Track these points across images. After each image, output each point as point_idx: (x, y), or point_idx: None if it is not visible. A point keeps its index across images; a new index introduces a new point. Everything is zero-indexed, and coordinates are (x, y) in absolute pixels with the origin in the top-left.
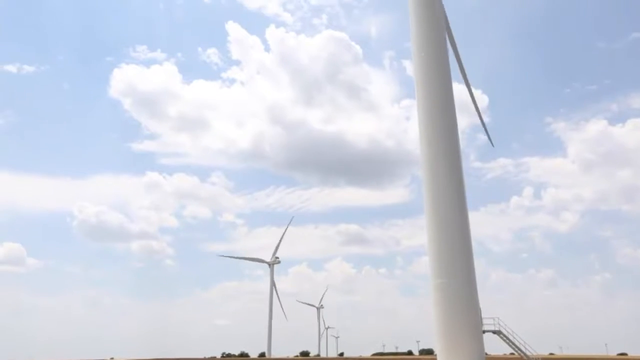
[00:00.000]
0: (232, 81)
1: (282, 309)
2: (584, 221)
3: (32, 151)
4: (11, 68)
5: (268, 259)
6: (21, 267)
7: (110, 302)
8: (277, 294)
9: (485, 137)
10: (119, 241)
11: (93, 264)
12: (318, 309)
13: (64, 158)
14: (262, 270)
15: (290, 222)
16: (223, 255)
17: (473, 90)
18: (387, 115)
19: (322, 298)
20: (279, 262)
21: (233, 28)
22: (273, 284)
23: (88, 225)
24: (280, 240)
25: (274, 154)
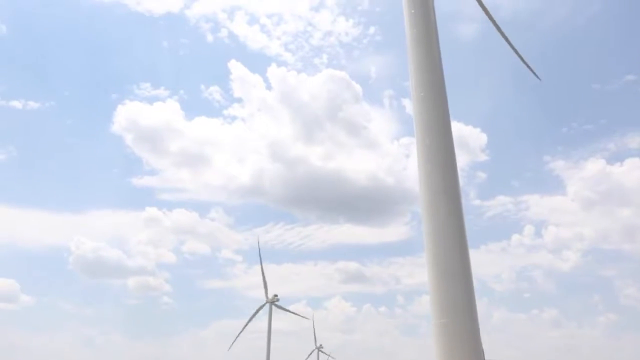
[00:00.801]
0: (234, 118)
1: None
2: (585, 260)
3: (33, 186)
4: (17, 104)
5: (270, 299)
6: (14, 304)
7: (105, 341)
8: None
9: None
10: (116, 277)
11: (88, 301)
12: (318, 350)
13: (64, 193)
14: (261, 310)
15: (261, 258)
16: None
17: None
18: (387, 152)
19: (315, 336)
20: (277, 300)
21: (235, 67)
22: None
23: (85, 261)
24: (264, 276)
25: (273, 190)
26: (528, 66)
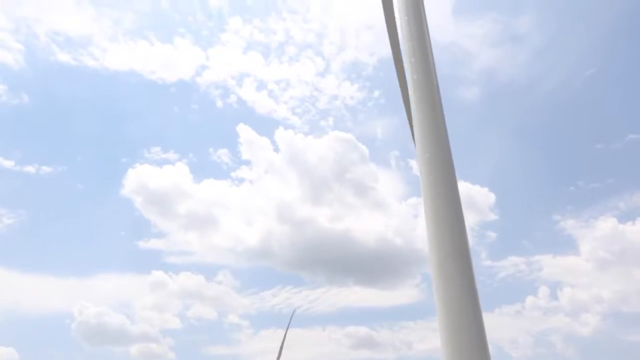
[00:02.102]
0: (241, 180)
1: None
2: (606, 324)
3: (40, 250)
4: (30, 169)
5: None
6: None
7: None
8: None
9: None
10: (118, 344)
11: None
12: None
13: (71, 257)
14: None
15: (291, 318)
16: None
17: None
18: (395, 213)
19: None
20: None
21: (244, 130)
22: None
23: (87, 327)
24: (282, 344)
25: (281, 252)
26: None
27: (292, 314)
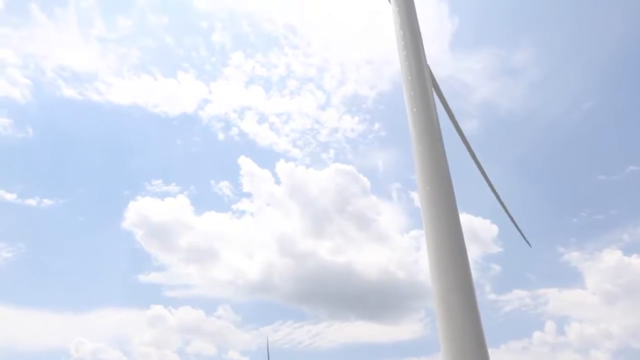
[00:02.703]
0: (242, 213)
1: None
2: None
3: (38, 285)
4: (32, 202)
5: None
6: None
7: None
8: None
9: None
10: None
11: None
12: None
13: (69, 292)
14: None
15: (268, 348)
16: None
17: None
18: (397, 245)
19: None
20: None
21: (245, 162)
22: None
23: None
24: None
25: (282, 285)
26: (520, 232)
27: (267, 344)
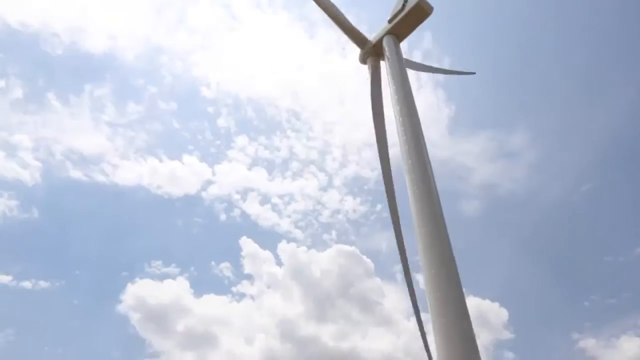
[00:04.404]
0: (242, 295)
1: None
2: None
3: None
4: (27, 284)
5: None
6: None
7: None
8: None
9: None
10: None
11: None
12: None
13: None
14: None
15: None
16: None
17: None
18: (403, 330)
19: None
20: None
21: (246, 243)
22: None
23: None
24: None
25: None
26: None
27: None
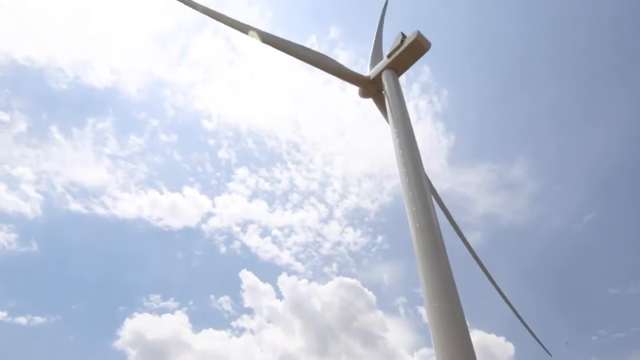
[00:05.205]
0: (242, 330)
1: None
2: None
3: None
4: (22, 320)
5: None
6: None
7: None
8: None
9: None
10: None
11: None
12: None
13: None
14: None
15: None
16: None
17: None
18: None
19: None
20: None
21: (246, 276)
22: None
23: None
24: None
25: None
26: (538, 341)
27: None
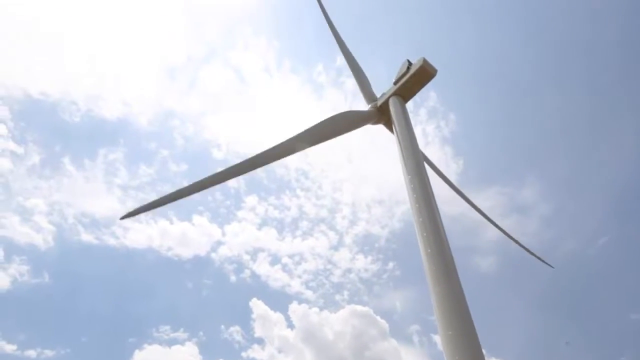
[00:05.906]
0: None
1: None
2: None
3: None
4: (32, 353)
5: None
6: None
7: None
8: None
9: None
10: None
11: None
12: None
13: None
14: None
15: None
16: None
17: None
18: None
19: None
20: None
21: (257, 305)
22: None
23: None
24: None
25: None
26: (537, 257)
27: None
